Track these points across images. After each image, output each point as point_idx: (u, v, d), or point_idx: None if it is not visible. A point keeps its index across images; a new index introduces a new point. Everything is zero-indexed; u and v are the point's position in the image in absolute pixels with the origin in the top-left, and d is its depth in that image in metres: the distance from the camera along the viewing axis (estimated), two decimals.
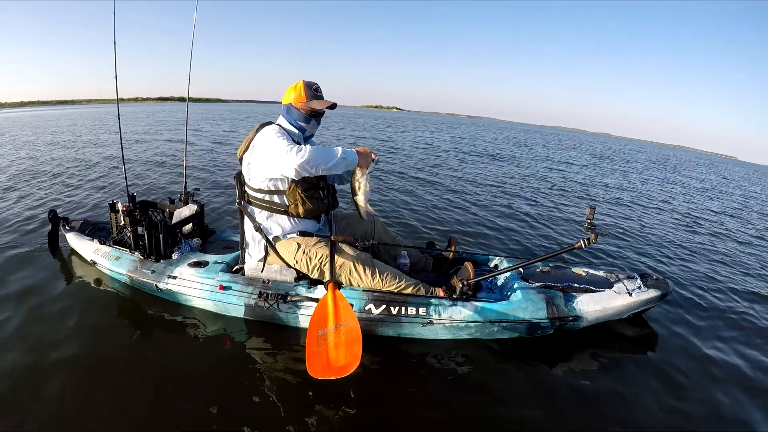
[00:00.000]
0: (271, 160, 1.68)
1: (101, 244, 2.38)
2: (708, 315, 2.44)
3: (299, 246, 1.83)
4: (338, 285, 1.59)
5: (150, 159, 7.00)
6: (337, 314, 1.41)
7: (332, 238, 1.85)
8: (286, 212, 1.83)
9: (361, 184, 1.76)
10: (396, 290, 1.81)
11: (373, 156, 1.77)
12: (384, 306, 1.77)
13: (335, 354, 1.29)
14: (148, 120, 18.12)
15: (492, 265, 2.29)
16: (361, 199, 1.79)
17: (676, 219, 5.41)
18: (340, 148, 1.68)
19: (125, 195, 2.33)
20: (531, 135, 31.14)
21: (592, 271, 2.15)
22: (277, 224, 1.87)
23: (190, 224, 2.45)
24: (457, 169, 7.94)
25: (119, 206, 2.34)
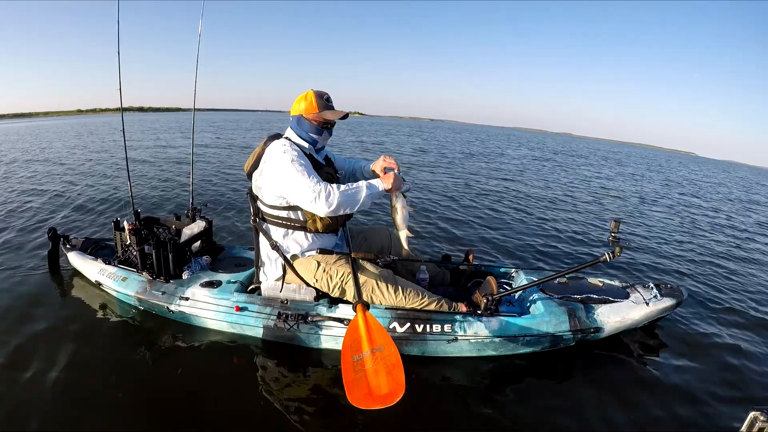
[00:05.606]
0: (294, 198, 1.64)
1: (105, 263, 2.29)
2: (717, 319, 2.48)
3: (319, 264, 1.79)
4: (366, 306, 1.55)
5: (140, 171, 6.84)
6: (371, 338, 1.37)
7: (353, 255, 1.81)
8: (303, 228, 1.77)
9: (397, 209, 1.67)
10: (419, 307, 1.78)
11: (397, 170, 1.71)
12: (408, 324, 1.73)
13: (376, 381, 1.25)
14: (105, 130, 17.67)
15: (508, 276, 2.28)
16: (399, 225, 1.70)
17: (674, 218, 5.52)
18: (364, 185, 1.64)
19: (125, 211, 2.24)
20: (496, 137, 31.66)
21: (608, 282, 2.16)
22: (295, 242, 1.81)
23: (199, 241, 2.38)
24: (449, 173, 7.98)
25: (125, 224, 2.26)
